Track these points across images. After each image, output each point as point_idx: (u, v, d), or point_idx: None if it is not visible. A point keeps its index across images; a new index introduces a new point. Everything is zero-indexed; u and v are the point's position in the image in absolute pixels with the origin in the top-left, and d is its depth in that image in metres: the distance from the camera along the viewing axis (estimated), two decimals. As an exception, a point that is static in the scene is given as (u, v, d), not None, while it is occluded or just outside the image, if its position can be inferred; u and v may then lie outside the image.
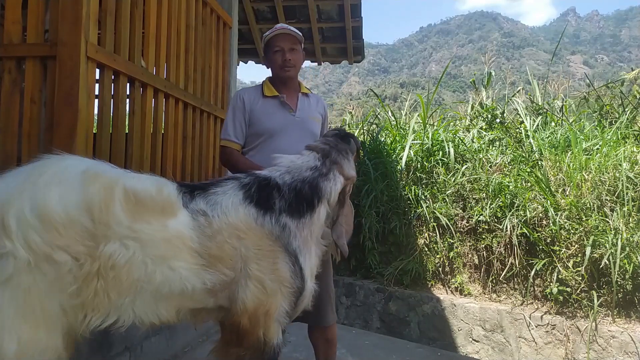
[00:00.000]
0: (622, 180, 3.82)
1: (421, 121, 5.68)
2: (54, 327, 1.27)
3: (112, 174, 1.41)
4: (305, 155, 1.88)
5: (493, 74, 6.72)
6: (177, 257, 1.41)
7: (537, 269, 3.82)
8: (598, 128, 5.09)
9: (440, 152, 5.00)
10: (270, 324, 1.57)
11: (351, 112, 9.40)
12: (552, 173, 4.27)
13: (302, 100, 2.40)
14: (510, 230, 4.03)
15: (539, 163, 4.45)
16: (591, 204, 3.87)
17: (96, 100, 2.30)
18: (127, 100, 2.55)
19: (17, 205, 1.24)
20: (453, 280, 4.33)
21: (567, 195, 4.00)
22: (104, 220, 1.31)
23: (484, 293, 4.21)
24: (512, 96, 6.48)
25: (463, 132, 5.70)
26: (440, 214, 4.42)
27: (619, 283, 3.53)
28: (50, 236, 1.24)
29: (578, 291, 3.66)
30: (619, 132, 4.80)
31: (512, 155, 4.78)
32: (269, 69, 2.42)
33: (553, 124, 5.49)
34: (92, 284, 1.30)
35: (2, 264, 1.21)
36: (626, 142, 4.51)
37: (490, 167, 4.67)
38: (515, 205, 4.14)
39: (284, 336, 1.81)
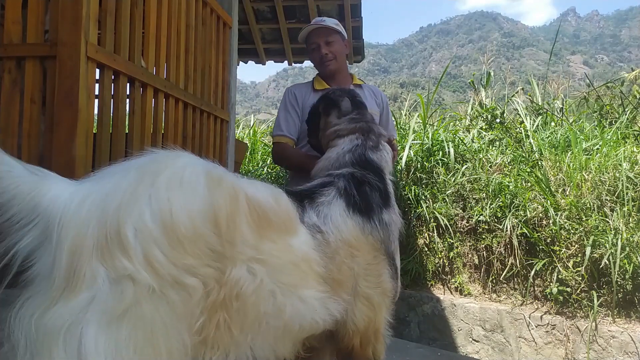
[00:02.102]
0: (622, 180, 3.82)
1: (421, 121, 5.68)
2: None
3: (232, 177, 1.13)
4: (342, 143, 1.73)
5: (492, 74, 6.72)
6: (306, 285, 1.18)
7: (537, 269, 3.82)
8: (598, 128, 5.09)
9: (440, 152, 5.00)
10: (380, 340, 1.49)
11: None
12: (552, 173, 4.27)
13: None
14: (510, 230, 4.03)
15: (539, 163, 4.45)
16: (591, 204, 3.87)
17: (96, 100, 2.30)
18: (127, 100, 2.54)
19: (135, 212, 0.92)
20: (453, 280, 4.33)
21: (567, 195, 4.00)
22: (230, 237, 1.02)
23: (484, 293, 4.21)
24: (512, 96, 6.48)
25: (463, 132, 5.70)
26: (440, 214, 4.42)
27: (619, 283, 3.53)
28: (175, 254, 0.93)
29: (578, 291, 3.66)
30: (619, 132, 4.80)
31: (512, 155, 4.78)
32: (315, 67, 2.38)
33: (553, 124, 5.49)
34: (216, 317, 1.00)
35: (119, 290, 0.88)
36: (626, 142, 4.52)
37: (490, 167, 4.67)
38: (515, 205, 4.14)
39: None
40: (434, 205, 4.52)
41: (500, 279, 4.12)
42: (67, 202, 0.92)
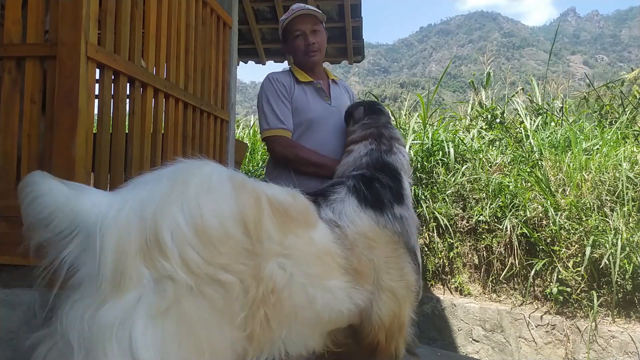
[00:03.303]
0: (622, 180, 3.82)
1: (421, 121, 5.68)
2: None
3: (253, 182, 1.22)
4: (358, 148, 1.76)
5: (492, 74, 6.72)
6: (331, 276, 1.24)
7: (537, 269, 3.82)
8: (598, 128, 5.09)
9: (440, 152, 4.99)
10: (403, 336, 1.48)
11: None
12: (552, 173, 4.27)
13: (333, 88, 2.21)
14: (510, 230, 4.03)
15: (539, 163, 4.45)
16: (591, 204, 3.87)
17: (96, 100, 2.29)
18: (127, 100, 2.54)
19: (170, 218, 0.99)
20: (453, 280, 4.33)
21: (567, 195, 4.00)
22: (257, 235, 1.10)
23: (484, 293, 4.21)
24: (512, 96, 6.48)
25: (463, 132, 5.70)
26: (440, 214, 4.41)
27: (619, 283, 3.53)
28: (209, 253, 1.01)
29: (578, 291, 3.66)
30: (619, 132, 4.80)
31: (512, 155, 4.78)
32: (290, 56, 2.22)
33: (553, 124, 5.49)
34: (258, 313, 1.07)
35: (160, 289, 0.96)
36: (626, 142, 4.52)
37: (490, 167, 4.67)
38: (515, 205, 4.14)
39: None
40: (434, 205, 4.52)
41: (500, 279, 4.12)
42: (106, 211, 0.99)
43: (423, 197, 4.62)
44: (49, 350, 0.98)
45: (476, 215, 4.26)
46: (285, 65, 6.16)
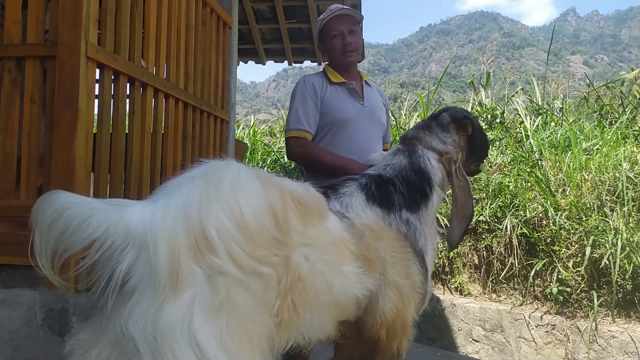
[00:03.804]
0: (622, 180, 3.82)
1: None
2: (268, 355, 1.10)
3: (275, 177, 1.29)
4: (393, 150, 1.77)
5: (492, 74, 6.72)
6: (345, 262, 1.32)
7: (537, 269, 3.82)
8: (598, 128, 5.09)
9: (440, 152, 4.99)
10: (406, 335, 1.48)
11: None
12: (552, 173, 4.27)
13: (366, 89, 2.22)
14: (510, 230, 4.03)
15: (539, 163, 4.45)
16: (591, 204, 3.87)
17: (96, 100, 2.30)
18: (127, 100, 2.54)
19: (212, 215, 1.05)
20: (453, 280, 4.33)
21: (567, 195, 4.00)
22: (286, 227, 1.17)
23: (484, 293, 4.21)
24: (512, 96, 6.49)
25: (463, 132, 5.69)
26: (440, 214, 4.41)
27: (619, 283, 3.53)
28: (250, 247, 1.07)
29: (578, 291, 3.66)
30: (619, 132, 4.80)
31: (512, 155, 4.78)
32: (326, 55, 2.23)
33: (553, 124, 5.49)
34: (287, 300, 1.15)
35: (214, 284, 1.02)
36: (626, 142, 4.52)
37: (490, 167, 4.67)
38: (515, 205, 4.14)
39: None
40: (434, 205, 4.52)
41: (500, 279, 4.12)
42: (151, 217, 1.04)
43: (423, 197, 4.62)
44: (98, 355, 1.03)
45: (476, 215, 4.26)
46: (285, 65, 6.16)
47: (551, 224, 3.88)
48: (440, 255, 4.39)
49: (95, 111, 2.30)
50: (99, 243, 0.99)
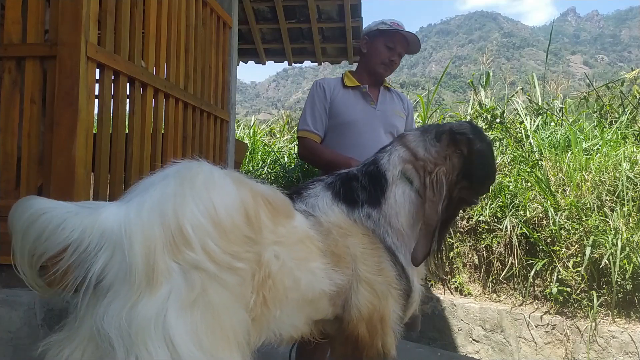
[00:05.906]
0: (622, 180, 3.82)
1: (421, 121, 5.68)
2: (245, 350, 1.12)
3: (246, 177, 1.32)
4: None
5: (492, 74, 6.72)
6: (312, 259, 1.35)
7: (537, 269, 3.82)
8: (598, 128, 5.09)
9: (440, 152, 4.99)
10: (387, 331, 1.48)
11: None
12: (552, 173, 4.27)
13: (383, 94, 2.29)
14: (510, 230, 4.03)
15: (539, 163, 4.45)
16: (591, 204, 3.87)
17: (96, 100, 2.29)
18: (127, 100, 2.54)
19: (188, 212, 1.07)
20: (453, 280, 4.33)
21: (567, 195, 4.00)
22: (257, 226, 1.20)
23: (484, 293, 4.21)
24: (512, 96, 6.48)
25: (463, 132, 5.69)
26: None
27: (619, 283, 3.53)
28: (224, 243, 1.09)
29: (578, 291, 3.66)
30: (619, 132, 4.80)
31: (512, 155, 4.78)
32: (364, 54, 2.28)
33: (553, 124, 5.49)
34: (259, 296, 1.18)
35: (189, 279, 1.04)
36: (626, 142, 4.52)
37: (490, 167, 4.67)
38: (515, 205, 4.14)
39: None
40: (434, 205, 4.52)
41: (500, 279, 4.12)
42: (126, 215, 1.05)
43: (423, 197, 4.62)
44: (72, 354, 1.03)
45: (476, 215, 4.26)
46: (285, 65, 6.16)
47: (551, 224, 3.88)
48: (440, 255, 4.38)
49: (95, 111, 2.30)
50: (74, 246, 1.00)
